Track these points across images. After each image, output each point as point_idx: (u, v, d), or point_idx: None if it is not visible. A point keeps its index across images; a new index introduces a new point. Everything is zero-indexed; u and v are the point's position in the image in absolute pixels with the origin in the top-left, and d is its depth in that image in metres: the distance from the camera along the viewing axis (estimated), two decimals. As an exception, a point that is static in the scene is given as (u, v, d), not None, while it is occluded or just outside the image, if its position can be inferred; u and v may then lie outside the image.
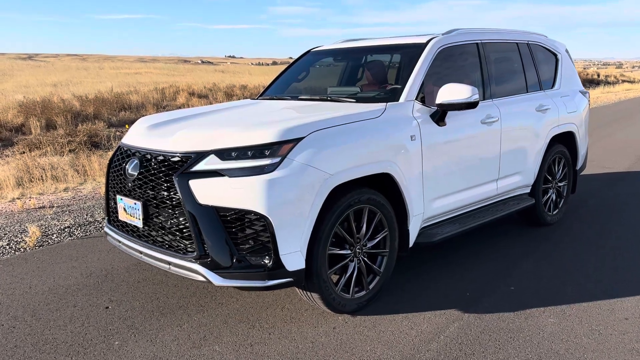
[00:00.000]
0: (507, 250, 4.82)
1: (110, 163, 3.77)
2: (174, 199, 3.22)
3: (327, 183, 3.22)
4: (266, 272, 3.11)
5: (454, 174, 4.21)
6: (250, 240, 3.12)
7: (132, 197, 3.45)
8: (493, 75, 4.73)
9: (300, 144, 3.18)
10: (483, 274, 4.27)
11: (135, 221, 3.44)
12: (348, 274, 3.53)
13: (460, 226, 4.29)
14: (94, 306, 3.76)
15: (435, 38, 4.34)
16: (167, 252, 3.31)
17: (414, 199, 3.84)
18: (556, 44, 5.84)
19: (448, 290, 3.96)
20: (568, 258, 4.63)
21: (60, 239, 5.40)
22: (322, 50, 5.32)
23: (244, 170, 3.09)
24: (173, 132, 3.50)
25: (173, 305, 3.74)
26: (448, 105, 3.90)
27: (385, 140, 3.61)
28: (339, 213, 3.35)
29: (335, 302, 3.45)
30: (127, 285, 4.10)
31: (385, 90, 4.34)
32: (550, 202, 5.56)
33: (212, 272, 3.11)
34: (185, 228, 3.20)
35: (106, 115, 17.73)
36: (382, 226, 3.69)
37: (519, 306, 3.71)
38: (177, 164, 3.25)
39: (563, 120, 5.43)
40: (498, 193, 4.80)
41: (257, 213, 3.05)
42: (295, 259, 3.16)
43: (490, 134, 4.51)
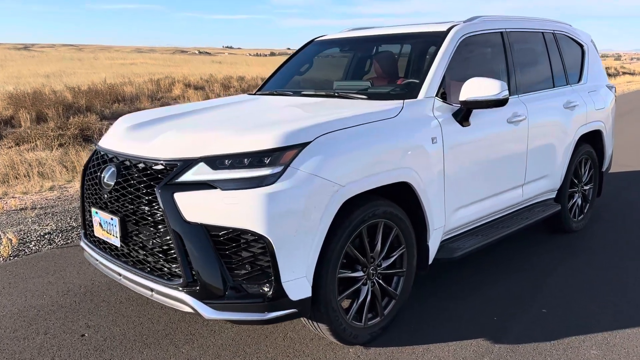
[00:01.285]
0: (530, 264, 4.33)
1: (85, 169, 3.27)
2: (156, 214, 2.72)
3: (338, 196, 2.73)
4: (266, 303, 2.62)
5: (478, 180, 3.72)
6: (247, 264, 2.63)
7: (109, 210, 2.95)
8: (519, 69, 4.23)
9: (305, 150, 2.68)
10: (508, 293, 3.79)
11: (112, 239, 2.95)
12: (361, 300, 3.05)
13: (483, 238, 3.81)
14: (68, 333, 3.27)
15: (456, 26, 3.84)
16: (149, 276, 2.81)
17: (435, 211, 3.35)
18: (582, 33, 5.34)
19: (471, 314, 3.48)
20: (600, 274, 4.15)
21: (39, 248, 4.90)
22: (326, 39, 4.80)
23: (239, 182, 2.59)
24: (156, 134, 3.00)
25: (158, 333, 3.25)
26: (473, 102, 3.40)
27: (403, 144, 3.11)
28: (351, 230, 2.86)
29: (346, 333, 2.96)
30: (108, 307, 3.61)
31: (400, 86, 3.84)
32: (575, 208, 5.08)
33: (202, 303, 2.62)
34: (170, 249, 2.71)
35: (99, 107, 17.17)
36: (399, 242, 3.20)
37: (555, 334, 3.24)
38: (161, 173, 2.75)
39: (591, 117, 4.93)
40: (523, 199, 4.32)
41: (255, 233, 2.56)
42: (300, 286, 2.67)
43: (517, 134, 4.01)
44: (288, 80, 4.60)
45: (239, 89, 22.70)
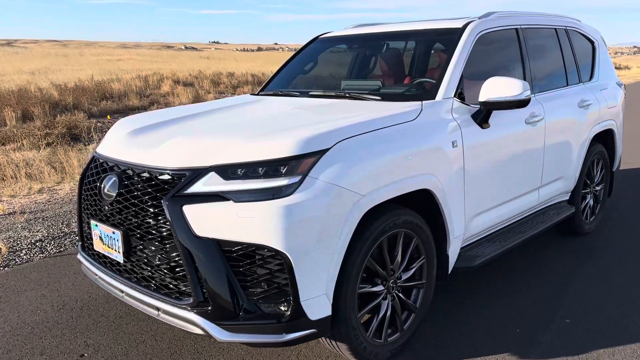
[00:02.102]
0: (547, 270, 4.18)
1: (83, 178, 3.04)
2: (163, 228, 2.51)
3: (359, 206, 2.54)
4: (283, 324, 2.42)
5: (497, 185, 3.55)
6: (263, 282, 2.43)
7: (110, 223, 2.73)
8: (534, 66, 4.06)
9: (324, 158, 2.48)
10: (529, 302, 3.62)
11: (114, 254, 2.73)
12: (381, 315, 2.86)
13: (501, 245, 3.64)
14: (66, 353, 3.05)
15: (472, 22, 3.65)
16: (155, 295, 2.60)
17: (455, 218, 3.17)
18: (591, 29, 5.18)
19: (494, 326, 3.31)
20: (619, 280, 4.00)
21: (30, 257, 4.66)
22: (331, 37, 4.59)
23: (254, 193, 2.39)
24: (160, 141, 2.78)
25: (163, 352, 3.05)
26: (494, 103, 3.22)
27: (424, 148, 2.92)
28: (372, 242, 2.67)
29: (366, 352, 2.78)
30: (107, 322, 3.40)
31: (415, 86, 3.65)
32: (587, 209, 4.93)
33: (214, 324, 2.42)
34: (179, 266, 2.50)
35: (86, 105, 16.82)
36: (419, 253, 3.02)
37: (582, 347, 3.07)
38: (167, 184, 2.54)
39: (604, 116, 4.78)
40: (539, 202, 4.16)
41: (271, 248, 2.35)
42: (320, 304, 2.48)
43: (535, 135, 3.85)
44: (292, 80, 4.39)
45: (229, 85, 22.41)
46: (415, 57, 4.19)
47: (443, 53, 3.60)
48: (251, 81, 23.24)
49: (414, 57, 4.20)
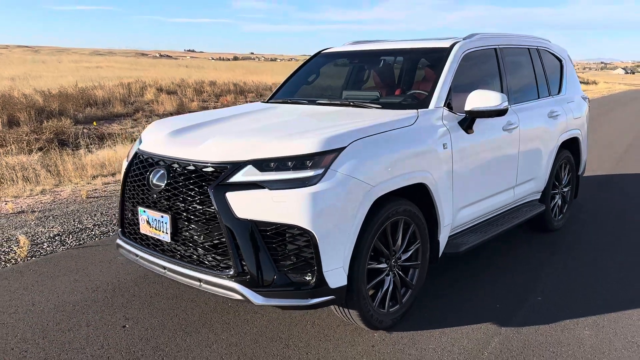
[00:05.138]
0: (521, 261, 4.76)
1: (128, 172, 3.51)
2: (207, 212, 3.01)
3: (370, 195, 3.07)
4: (309, 290, 2.94)
5: (479, 182, 4.12)
6: (293, 256, 2.94)
7: (158, 209, 3.21)
8: (510, 81, 4.67)
9: (342, 154, 3.01)
10: (505, 287, 4.19)
11: (162, 235, 3.21)
12: (384, 289, 3.39)
13: (482, 235, 4.21)
14: (110, 325, 3.50)
15: (458, 42, 4.24)
16: (197, 268, 3.09)
17: (445, 209, 3.73)
18: (559, 48, 5.84)
19: (477, 303, 3.87)
20: (584, 267, 4.61)
21: (53, 249, 5.07)
22: (333, 52, 5.15)
23: (286, 182, 2.91)
24: (201, 139, 3.28)
25: (195, 323, 3.52)
26: (478, 112, 3.80)
27: (421, 149, 3.48)
28: (378, 226, 3.21)
29: (373, 319, 3.30)
30: (140, 301, 3.85)
31: (410, 96, 4.21)
32: (556, 208, 5.55)
33: (252, 291, 2.92)
34: (221, 243, 3.00)
35: (72, 111, 17.05)
36: (415, 238, 3.57)
37: (552, 318, 3.65)
38: (211, 175, 3.04)
39: (570, 126, 5.43)
40: (514, 200, 4.75)
41: (300, 228, 2.87)
42: (338, 275, 3.00)
43: (511, 141, 4.44)
44: (298, 90, 4.92)
45: (212, 94, 22.81)
46: (407, 72, 4.76)
47: (433, 68, 4.17)
48: (233, 90, 23.68)
49: (407, 72, 4.76)
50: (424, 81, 4.28)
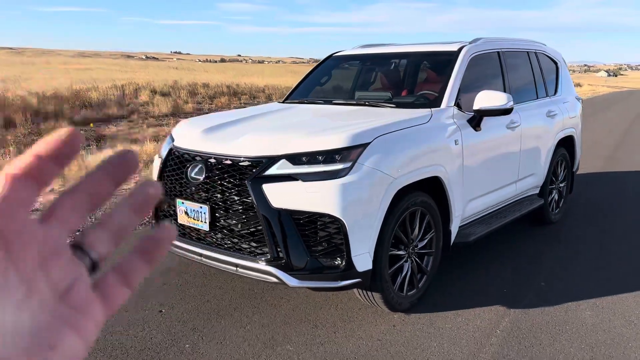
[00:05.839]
0: (524, 250, 5.07)
1: (164, 168, 3.76)
2: (245, 202, 3.28)
3: (393, 186, 3.36)
4: (339, 273, 3.21)
5: (486, 177, 4.42)
6: (324, 242, 3.21)
7: (197, 201, 3.47)
8: (512, 82, 4.98)
9: (368, 149, 3.29)
10: (511, 273, 4.49)
11: (200, 224, 3.47)
12: (403, 274, 3.67)
13: (488, 226, 4.51)
14: (147, 310, 3.75)
15: (465, 46, 4.54)
16: (234, 254, 3.35)
17: (456, 201, 4.02)
18: (554, 52, 6.17)
19: (485, 288, 4.16)
20: (581, 255, 4.93)
21: (77, 243, 5.29)
22: (344, 55, 5.44)
23: (317, 175, 3.18)
24: (235, 136, 3.55)
25: (226, 307, 3.78)
26: (485, 111, 4.10)
27: (435, 145, 3.77)
28: (399, 215, 3.49)
29: (394, 301, 3.58)
30: (171, 289, 4.10)
31: (423, 97, 4.50)
32: (553, 202, 5.88)
33: (286, 274, 3.19)
34: (257, 231, 3.26)
35: (68, 113, 17.16)
36: (430, 227, 3.86)
37: (555, 301, 3.96)
38: (247, 168, 3.31)
39: (566, 124, 5.76)
40: (516, 194, 5.06)
41: (331, 216, 3.15)
42: (365, 260, 3.27)
43: (513, 138, 4.75)
44: (311, 90, 5.20)
45: (205, 96, 23.01)
46: (415, 74, 5.05)
47: (442, 70, 4.47)
48: (227, 92, 23.89)
49: (415, 74, 5.05)
50: (433, 82, 4.58)
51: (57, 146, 0.37)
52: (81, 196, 0.39)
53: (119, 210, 0.42)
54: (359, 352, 3.22)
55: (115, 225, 0.41)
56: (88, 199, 0.39)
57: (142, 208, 0.42)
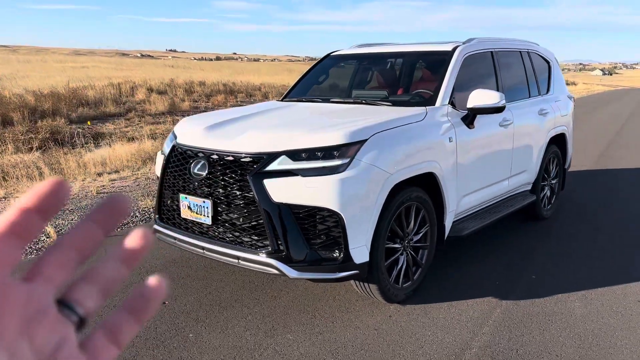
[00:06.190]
0: (516, 245, 5.21)
1: (167, 164, 3.87)
2: (246, 197, 3.40)
3: (389, 182, 3.48)
4: (337, 265, 3.34)
5: (479, 173, 4.55)
6: (323, 235, 3.34)
7: (200, 195, 3.59)
8: (504, 81, 5.11)
9: (365, 146, 3.42)
10: (503, 267, 4.63)
11: (203, 218, 3.59)
12: (399, 267, 3.80)
13: (481, 221, 4.64)
14: (150, 302, 3.86)
15: (459, 46, 4.67)
16: (236, 247, 3.47)
17: (450, 196, 4.15)
18: (547, 51, 6.31)
19: (478, 281, 4.30)
20: (572, 250, 5.07)
21: (79, 238, 5.39)
22: (341, 54, 5.56)
23: (317, 170, 3.30)
24: (236, 133, 3.67)
25: (228, 299, 3.90)
26: (479, 109, 4.24)
27: (430, 141, 3.90)
28: (395, 209, 3.62)
29: (390, 292, 3.71)
30: (174, 282, 4.21)
31: (418, 95, 4.63)
32: (545, 198, 6.02)
33: (287, 266, 3.31)
34: (258, 224, 3.38)
35: (65, 111, 17.22)
36: (424, 222, 3.98)
37: (546, 292, 4.09)
38: (249, 164, 3.42)
39: (558, 122, 5.90)
40: (509, 190, 5.20)
41: (330, 210, 3.27)
42: (362, 252, 3.40)
43: (506, 135, 4.89)
44: (309, 89, 5.32)
45: (202, 94, 23.09)
46: (411, 73, 5.18)
47: (437, 69, 4.60)
48: (223, 90, 23.97)
49: (410, 73, 5.18)
50: (428, 81, 4.71)
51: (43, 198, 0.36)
52: (68, 251, 0.38)
53: (107, 262, 0.40)
54: (356, 340, 3.35)
55: (103, 278, 0.40)
56: (76, 253, 0.38)
57: (132, 259, 0.41)
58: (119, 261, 0.41)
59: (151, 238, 0.42)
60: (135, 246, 0.41)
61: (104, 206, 0.40)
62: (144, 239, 0.41)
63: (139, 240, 0.41)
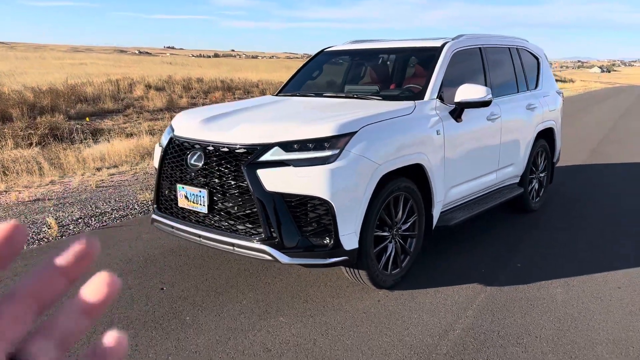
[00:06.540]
0: (504, 237, 5.37)
1: (164, 155, 4.03)
2: (241, 186, 3.55)
3: (377, 172, 3.64)
4: (327, 251, 3.50)
5: (467, 165, 4.71)
6: (314, 223, 3.50)
7: (196, 185, 3.74)
8: (493, 76, 5.27)
9: (354, 137, 3.57)
10: (490, 256, 4.79)
11: (199, 207, 3.74)
12: (388, 254, 3.96)
13: (469, 212, 4.81)
14: (149, 288, 4.02)
15: (448, 42, 4.83)
16: (231, 235, 3.63)
17: (438, 187, 4.31)
18: (536, 48, 6.47)
19: (465, 270, 4.46)
20: (558, 240, 5.24)
21: (80, 230, 5.55)
22: (334, 50, 5.71)
23: (308, 161, 3.46)
24: (231, 126, 3.82)
25: (223, 285, 4.06)
26: (466, 103, 4.39)
27: (418, 134, 4.06)
28: (383, 199, 3.78)
29: (378, 278, 3.87)
30: (171, 269, 4.37)
31: (408, 89, 4.79)
32: (533, 191, 6.19)
33: (279, 252, 3.47)
34: (252, 213, 3.54)
35: (63, 107, 17.34)
36: (413, 211, 4.14)
37: (530, 280, 4.26)
38: (243, 155, 3.58)
39: (546, 117, 6.06)
40: (497, 182, 5.36)
41: (320, 199, 3.43)
42: (351, 239, 3.56)
43: (494, 129, 5.05)
44: (303, 84, 5.47)
45: (200, 91, 23.23)
46: (402, 68, 5.34)
47: (426, 65, 4.75)
48: (221, 87, 24.11)
49: (401, 68, 5.34)
50: (418, 76, 4.86)
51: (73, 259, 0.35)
52: (24, 301, 0.35)
53: (66, 313, 0.36)
54: (346, 323, 3.51)
55: (61, 332, 0.36)
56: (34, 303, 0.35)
57: (94, 310, 0.37)
58: (80, 312, 0.36)
59: (118, 285, 0.38)
60: (98, 296, 0.37)
61: (69, 250, 0.36)
62: (109, 286, 0.37)
63: (104, 288, 0.37)
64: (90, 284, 0.38)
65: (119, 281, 0.39)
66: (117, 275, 0.40)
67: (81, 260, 0.37)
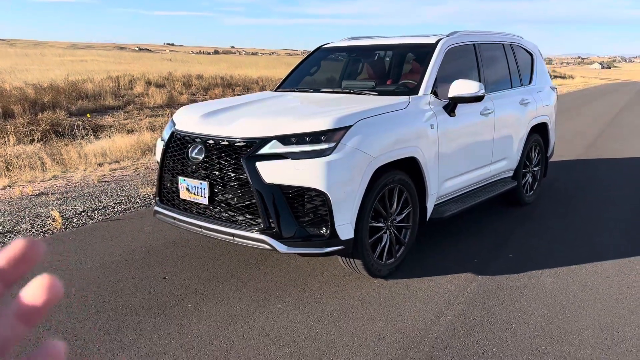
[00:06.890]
0: (497, 229, 5.51)
1: (166, 149, 4.16)
2: (240, 179, 3.68)
3: (372, 165, 3.77)
4: (324, 241, 3.63)
5: (460, 159, 4.84)
6: (311, 213, 3.63)
7: (197, 178, 3.87)
8: (486, 72, 5.39)
9: (350, 131, 3.70)
10: (483, 247, 4.93)
11: (200, 199, 3.87)
12: (383, 244, 4.09)
13: (462, 204, 4.94)
14: (152, 277, 4.16)
15: (442, 39, 4.95)
16: (231, 225, 3.76)
17: (432, 180, 4.44)
18: (530, 44, 6.59)
19: (458, 260, 4.59)
20: (550, 232, 5.38)
21: (83, 222, 5.68)
22: (332, 47, 5.83)
23: (305, 154, 3.59)
24: (231, 120, 3.95)
25: (224, 275, 4.20)
26: (459, 98, 4.52)
27: (412, 128, 4.18)
28: (378, 191, 3.91)
29: (373, 268, 4.01)
30: (173, 260, 4.51)
31: (403, 85, 4.91)
32: (527, 185, 6.32)
33: (277, 241, 3.60)
34: (251, 204, 3.67)
35: (65, 104, 17.46)
36: (407, 203, 4.27)
37: (521, 269, 4.39)
38: (242, 149, 3.71)
39: (539, 112, 6.18)
40: (490, 176, 5.49)
41: (317, 190, 3.56)
42: (347, 229, 3.69)
43: (487, 124, 5.17)
44: (301, 80, 5.60)
45: (200, 87, 23.35)
46: (398, 64, 5.46)
47: (421, 61, 4.88)
48: (221, 83, 24.22)
49: (397, 64, 5.46)
50: (413, 72, 4.99)
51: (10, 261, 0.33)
52: None
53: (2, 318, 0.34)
54: (341, 310, 3.64)
55: None
56: None
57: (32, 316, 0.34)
58: (16, 318, 0.34)
59: (59, 289, 0.35)
60: (36, 302, 0.34)
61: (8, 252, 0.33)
62: (49, 291, 0.34)
63: (43, 292, 0.34)
64: (28, 288, 0.34)
65: (61, 285, 0.35)
66: (59, 279, 0.36)
67: (20, 262, 0.33)
